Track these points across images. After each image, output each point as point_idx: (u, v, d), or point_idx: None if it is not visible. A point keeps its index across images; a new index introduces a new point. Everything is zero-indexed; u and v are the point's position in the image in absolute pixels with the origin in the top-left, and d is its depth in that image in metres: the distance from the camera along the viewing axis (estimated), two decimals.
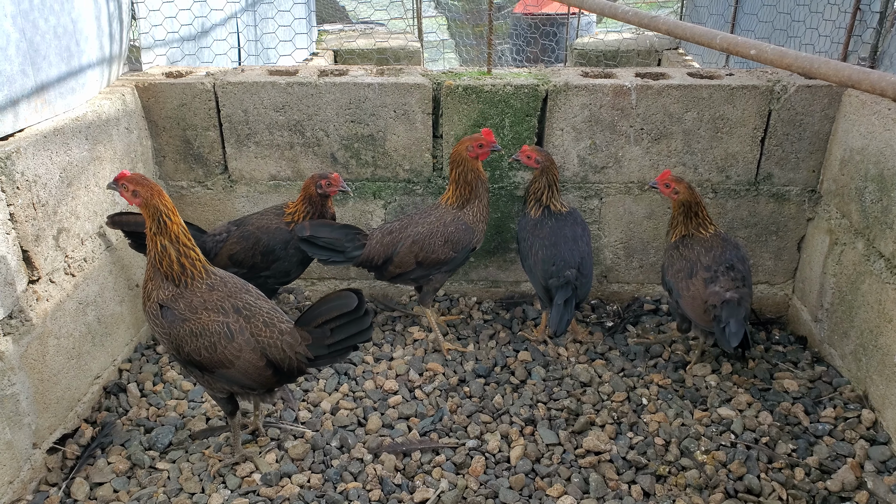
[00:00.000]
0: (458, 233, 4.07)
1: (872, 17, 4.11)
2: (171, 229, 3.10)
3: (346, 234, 4.11)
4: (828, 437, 3.60)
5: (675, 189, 4.00)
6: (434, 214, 4.14)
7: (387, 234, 4.15)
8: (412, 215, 4.21)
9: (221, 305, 3.14)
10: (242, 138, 4.44)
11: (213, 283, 3.19)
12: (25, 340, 3.16)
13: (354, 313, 3.14)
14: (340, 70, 4.53)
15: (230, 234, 4.09)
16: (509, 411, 3.81)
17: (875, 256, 3.73)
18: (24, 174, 3.13)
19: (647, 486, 3.32)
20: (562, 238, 4.11)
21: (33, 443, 3.27)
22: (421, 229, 4.09)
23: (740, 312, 3.67)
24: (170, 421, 3.71)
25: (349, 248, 4.11)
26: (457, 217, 4.09)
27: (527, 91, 4.31)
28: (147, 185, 3.08)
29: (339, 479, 3.36)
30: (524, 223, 4.25)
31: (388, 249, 4.13)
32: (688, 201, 4.01)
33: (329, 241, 4.05)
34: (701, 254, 3.93)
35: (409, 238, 4.09)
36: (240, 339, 3.10)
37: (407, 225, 4.15)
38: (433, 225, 4.09)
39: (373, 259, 4.15)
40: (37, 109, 3.37)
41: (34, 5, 3.32)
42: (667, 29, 2.99)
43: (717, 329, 3.68)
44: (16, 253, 3.10)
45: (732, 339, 3.59)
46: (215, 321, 3.09)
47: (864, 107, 3.91)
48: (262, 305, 3.22)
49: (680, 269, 3.96)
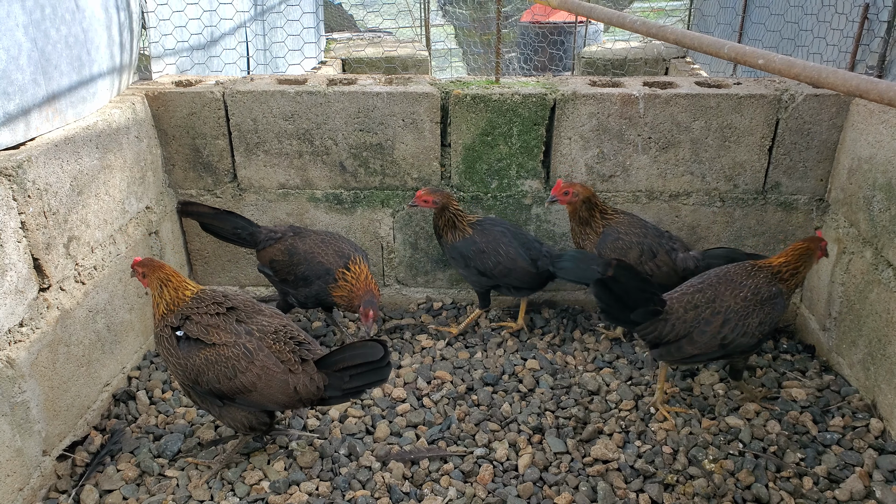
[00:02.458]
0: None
1: (880, 27, 4.12)
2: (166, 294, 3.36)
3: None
4: (836, 447, 3.59)
5: (576, 191, 4.09)
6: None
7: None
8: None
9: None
10: (251, 147, 4.47)
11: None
12: (36, 348, 3.18)
13: (378, 364, 3.20)
14: (349, 79, 4.55)
15: (282, 239, 4.21)
16: (517, 419, 3.81)
17: (883, 265, 3.72)
18: (36, 183, 3.15)
19: (654, 495, 3.32)
20: (496, 239, 4.27)
21: (43, 450, 3.29)
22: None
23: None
24: (179, 428, 3.72)
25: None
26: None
27: (535, 100, 4.32)
28: (150, 265, 3.42)
29: (348, 487, 3.37)
30: (457, 248, 4.31)
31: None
32: (588, 197, 4.10)
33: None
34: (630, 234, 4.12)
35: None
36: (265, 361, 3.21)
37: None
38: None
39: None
40: (48, 118, 3.40)
41: (46, 15, 3.35)
42: (675, 38, 3.00)
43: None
44: (27, 261, 3.12)
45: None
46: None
47: (872, 116, 3.91)
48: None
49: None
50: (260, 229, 4.29)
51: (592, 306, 4.86)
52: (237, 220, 4.26)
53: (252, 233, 4.26)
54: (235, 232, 4.26)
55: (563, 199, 4.14)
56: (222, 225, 4.27)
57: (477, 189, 4.57)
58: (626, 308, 3.49)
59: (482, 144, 4.44)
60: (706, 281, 3.62)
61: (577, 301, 4.88)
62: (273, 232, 4.27)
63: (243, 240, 4.29)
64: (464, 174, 4.53)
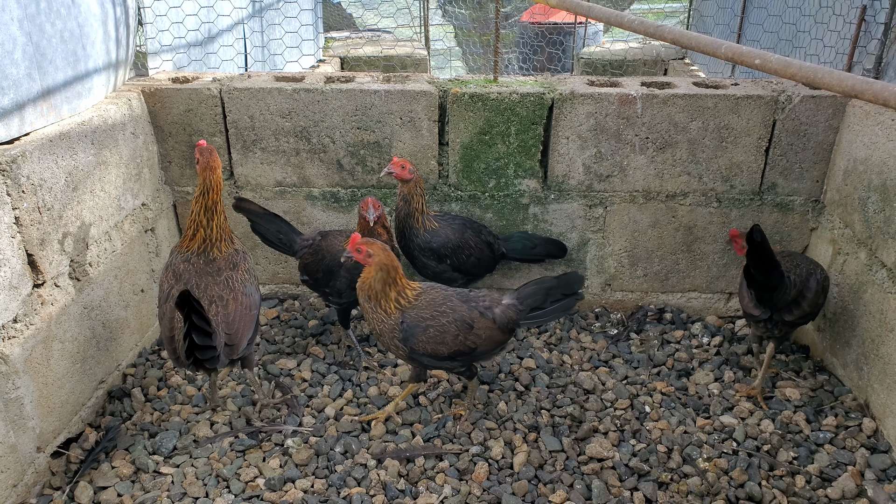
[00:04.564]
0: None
1: (877, 29, 4.12)
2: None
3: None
4: (829, 446, 3.60)
5: (368, 252, 3.40)
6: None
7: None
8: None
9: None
10: (248, 144, 4.46)
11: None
12: (30, 344, 3.17)
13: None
14: (347, 77, 4.55)
15: (311, 244, 4.19)
16: (513, 418, 3.81)
17: (877, 266, 3.73)
18: (30, 178, 3.15)
19: (649, 494, 3.32)
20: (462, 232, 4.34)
21: (37, 447, 3.28)
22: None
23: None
24: (174, 425, 3.72)
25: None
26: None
27: (533, 99, 4.32)
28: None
29: (343, 485, 3.37)
30: (431, 246, 4.26)
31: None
32: (385, 264, 3.42)
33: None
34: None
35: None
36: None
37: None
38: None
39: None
40: (43, 114, 3.39)
41: (41, 9, 3.34)
42: (672, 38, 3.01)
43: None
44: (21, 257, 3.11)
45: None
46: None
47: (867, 117, 3.92)
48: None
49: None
50: (299, 237, 4.25)
51: (588, 306, 4.86)
52: (281, 225, 4.23)
53: (291, 240, 4.22)
54: (278, 237, 4.23)
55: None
56: (268, 227, 4.23)
57: (474, 188, 4.57)
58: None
59: (480, 143, 4.44)
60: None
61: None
62: (306, 239, 4.23)
63: (284, 245, 4.26)
64: (461, 173, 4.53)
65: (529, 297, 3.60)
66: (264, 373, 4.15)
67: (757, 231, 3.43)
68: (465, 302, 3.55)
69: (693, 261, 4.69)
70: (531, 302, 3.60)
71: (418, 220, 4.20)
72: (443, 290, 3.59)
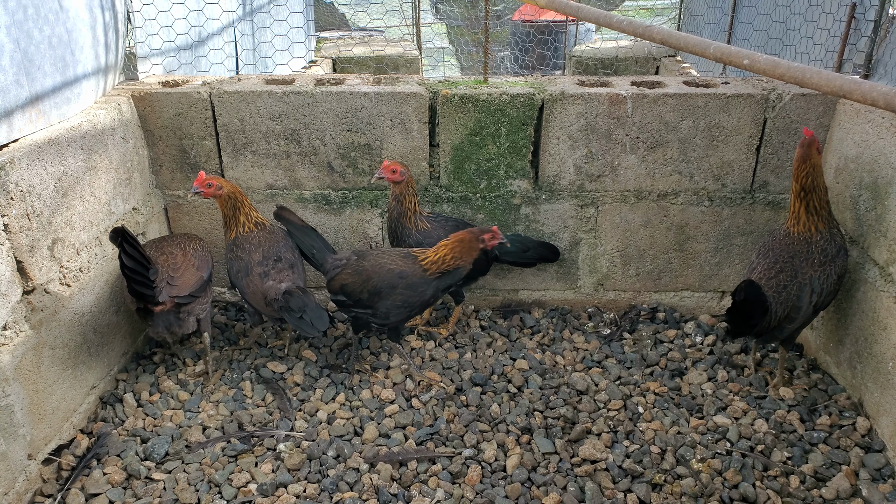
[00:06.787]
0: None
1: (867, 26, 4.12)
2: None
3: None
4: (823, 445, 3.60)
5: (219, 185, 4.03)
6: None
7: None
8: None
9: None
10: (239, 147, 4.45)
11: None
12: (20, 351, 3.16)
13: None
14: (337, 79, 4.54)
15: (348, 264, 4.07)
16: (506, 420, 3.81)
17: (869, 264, 3.73)
18: (19, 185, 3.13)
19: (642, 495, 3.32)
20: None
21: (28, 454, 3.27)
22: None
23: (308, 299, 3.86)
24: (166, 431, 3.70)
25: None
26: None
27: (523, 100, 4.32)
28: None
29: (336, 489, 3.36)
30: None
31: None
32: (232, 194, 4.09)
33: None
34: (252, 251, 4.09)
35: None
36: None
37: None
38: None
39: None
40: (31, 119, 3.37)
41: (28, 15, 3.32)
42: (661, 39, 3.01)
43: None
44: (10, 263, 3.10)
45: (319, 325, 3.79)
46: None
47: (858, 115, 3.92)
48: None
49: (239, 269, 4.09)
50: (331, 256, 4.16)
51: (581, 306, 4.86)
52: (316, 240, 4.18)
53: (324, 257, 4.14)
54: (311, 251, 4.18)
55: (206, 191, 4.05)
56: (303, 239, 4.18)
57: (466, 189, 4.56)
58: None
59: (471, 145, 4.43)
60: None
61: (567, 301, 4.88)
62: (339, 259, 4.12)
63: (315, 261, 4.19)
64: (453, 174, 4.52)
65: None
66: (257, 376, 4.14)
67: (739, 290, 3.54)
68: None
69: (685, 260, 4.70)
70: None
71: (410, 220, 4.20)
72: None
